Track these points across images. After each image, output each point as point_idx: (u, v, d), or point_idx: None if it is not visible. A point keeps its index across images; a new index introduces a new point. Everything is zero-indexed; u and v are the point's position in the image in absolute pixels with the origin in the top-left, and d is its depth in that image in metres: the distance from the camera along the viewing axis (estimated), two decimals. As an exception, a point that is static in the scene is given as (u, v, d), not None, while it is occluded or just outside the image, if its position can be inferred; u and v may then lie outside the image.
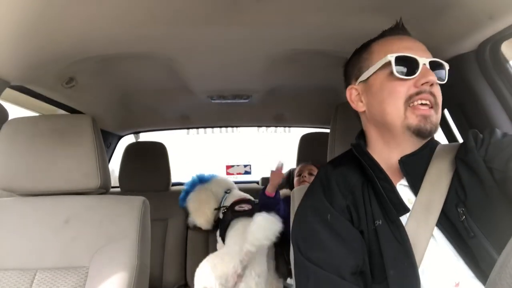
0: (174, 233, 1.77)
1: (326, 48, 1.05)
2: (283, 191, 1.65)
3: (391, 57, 0.66)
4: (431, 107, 0.65)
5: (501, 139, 0.63)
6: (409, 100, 0.65)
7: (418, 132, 0.65)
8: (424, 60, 0.65)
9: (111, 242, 0.90)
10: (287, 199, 1.40)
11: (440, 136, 1.20)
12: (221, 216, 1.67)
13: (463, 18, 0.79)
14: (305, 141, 1.91)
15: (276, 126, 2.32)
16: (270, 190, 1.52)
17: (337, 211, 0.67)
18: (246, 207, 1.63)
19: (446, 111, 1.11)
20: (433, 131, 0.65)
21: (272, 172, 1.55)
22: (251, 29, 0.93)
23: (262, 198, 1.53)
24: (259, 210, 1.50)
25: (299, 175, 1.66)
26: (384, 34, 0.73)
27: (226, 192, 1.76)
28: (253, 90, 1.56)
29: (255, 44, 1.04)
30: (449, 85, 1.00)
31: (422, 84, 0.64)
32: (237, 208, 1.62)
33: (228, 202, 1.70)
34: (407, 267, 0.59)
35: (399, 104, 0.65)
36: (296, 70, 1.35)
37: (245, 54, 1.13)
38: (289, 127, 2.31)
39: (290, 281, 1.53)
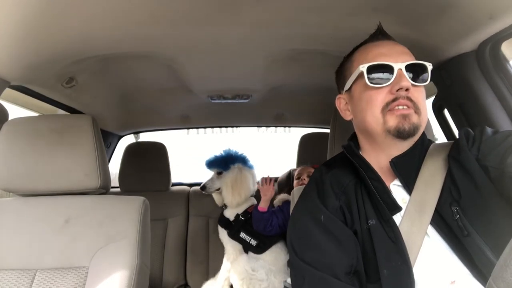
0: (174, 233, 1.77)
1: (326, 48, 1.05)
2: (282, 196, 1.64)
3: (363, 68, 0.67)
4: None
5: (492, 136, 0.63)
6: (386, 107, 0.65)
7: (398, 133, 0.64)
8: (399, 65, 0.64)
9: (111, 242, 0.90)
10: (288, 202, 1.39)
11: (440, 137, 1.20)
12: (229, 216, 1.62)
13: (463, 18, 0.79)
14: (305, 141, 1.91)
15: (276, 126, 2.31)
16: (262, 205, 1.49)
17: (330, 212, 0.68)
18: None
19: (446, 111, 1.11)
20: (412, 131, 0.64)
21: (261, 187, 1.53)
22: (251, 29, 0.93)
23: (255, 214, 1.50)
24: (254, 225, 1.51)
25: (298, 178, 1.66)
26: (365, 41, 0.73)
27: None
28: (253, 90, 1.56)
29: (255, 44, 1.04)
30: (449, 85, 1.00)
31: (397, 90, 0.64)
32: None
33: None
34: (401, 266, 0.59)
35: (376, 112, 0.66)
36: (296, 70, 1.35)
37: (245, 54, 1.13)
38: (289, 127, 2.31)
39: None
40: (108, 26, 0.86)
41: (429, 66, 0.67)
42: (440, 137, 1.22)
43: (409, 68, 0.65)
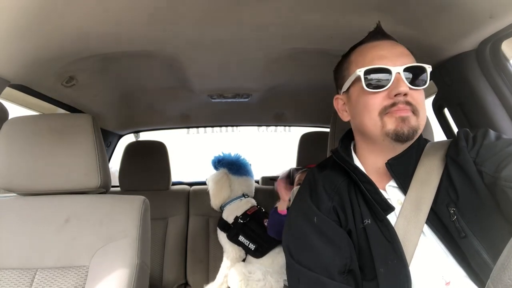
0: (174, 232, 1.77)
1: (326, 47, 1.05)
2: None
3: (360, 72, 0.65)
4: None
5: (494, 142, 0.63)
6: (384, 111, 0.64)
7: (396, 136, 0.64)
8: (397, 69, 0.63)
9: (111, 241, 0.90)
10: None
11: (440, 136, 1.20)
12: (227, 218, 1.64)
13: (463, 17, 0.79)
14: (305, 140, 1.91)
15: (276, 125, 2.31)
16: (282, 207, 1.43)
17: (323, 213, 0.68)
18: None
19: (446, 110, 1.11)
20: (411, 135, 0.64)
21: (279, 187, 1.49)
22: (251, 28, 0.93)
23: (274, 217, 1.45)
24: (268, 231, 1.51)
25: (299, 184, 1.64)
26: (363, 41, 0.72)
27: (244, 196, 1.71)
28: (253, 89, 1.56)
29: (255, 43, 1.03)
30: (449, 84, 1.00)
31: (396, 95, 0.63)
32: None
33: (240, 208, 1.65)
34: (397, 265, 0.59)
35: (374, 115, 0.65)
36: (296, 69, 1.35)
37: (245, 53, 1.13)
38: (289, 126, 2.31)
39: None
40: (108, 25, 0.86)
41: (429, 68, 0.66)
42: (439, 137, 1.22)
43: (408, 70, 0.64)
